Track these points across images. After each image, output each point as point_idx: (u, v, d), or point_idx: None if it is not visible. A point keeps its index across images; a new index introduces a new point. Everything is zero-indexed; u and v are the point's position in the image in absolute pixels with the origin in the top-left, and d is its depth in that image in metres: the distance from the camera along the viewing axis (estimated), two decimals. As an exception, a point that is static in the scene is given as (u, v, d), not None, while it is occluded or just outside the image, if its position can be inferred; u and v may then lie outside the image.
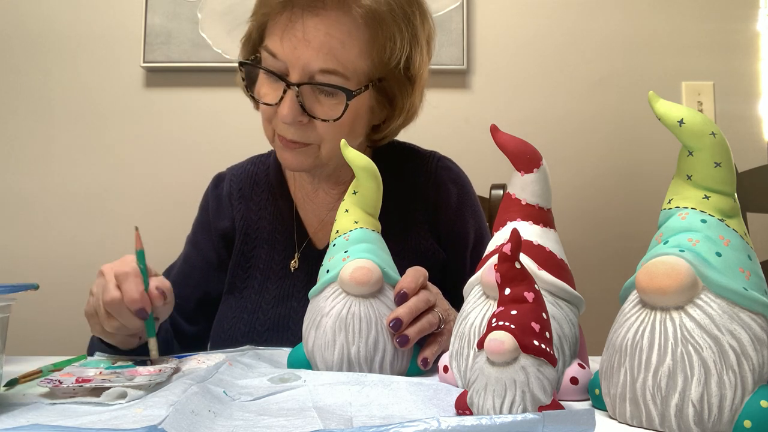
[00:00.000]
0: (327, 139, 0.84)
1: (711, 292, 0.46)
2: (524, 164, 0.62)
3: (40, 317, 1.57)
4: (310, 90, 0.82)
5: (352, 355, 0.65)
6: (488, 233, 1.00)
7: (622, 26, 1.65)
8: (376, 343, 0.65)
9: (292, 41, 0.80)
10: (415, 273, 0.70)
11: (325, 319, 0.66)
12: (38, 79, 1.68)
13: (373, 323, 0.65)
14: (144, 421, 0.45)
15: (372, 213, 0.72)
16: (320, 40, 0.79)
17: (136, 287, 0.68)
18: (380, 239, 0.72)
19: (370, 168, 0.70)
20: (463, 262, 0.96)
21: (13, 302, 0.56)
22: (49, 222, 1.65)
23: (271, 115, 0.85)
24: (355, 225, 0.70)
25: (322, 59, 0.79)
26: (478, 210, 1.00)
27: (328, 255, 0.71)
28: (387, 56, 0.84)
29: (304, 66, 0.80)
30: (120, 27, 1.67)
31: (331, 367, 0.66)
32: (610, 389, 0.49)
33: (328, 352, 0.65)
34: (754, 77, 1.63)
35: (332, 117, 0.82)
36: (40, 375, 0.63)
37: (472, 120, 1.63)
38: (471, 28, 1.65)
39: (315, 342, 0.66)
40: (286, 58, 0.80)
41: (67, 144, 1.67)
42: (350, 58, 0.81)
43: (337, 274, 0.67)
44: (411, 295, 0.67)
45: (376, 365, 0.66)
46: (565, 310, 0.58)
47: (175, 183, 1.63)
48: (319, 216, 0.96)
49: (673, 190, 0.52)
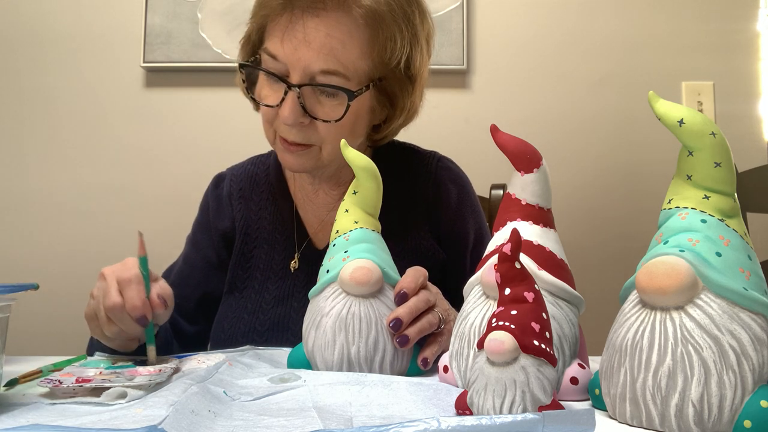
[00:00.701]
0: (328, 140, 0.84)
1: (711, 292, 0.46)
2: (524, 164, 0.62)
3: (40, 317, 1.57)
4: (311, 91, 0.82)
5: (352, 355, 0.65)
6: (488, 233, 1.00)
7: (622, 26, 1.65)
8: (376, 343, 0.65)
9: (293, 42, 0.80)
10: (415, 273, 0.70)
11: (325, 319, 0.66)
12: (38, 79, 1.68)
13: (373, 323, 0.65)
14: (144, 421, 0.45)
15: (372, 213, 0.72)
16: (321, 41, 0.79)
17: (138, 294, 0.67)
18: (380, 239, 0.72)
19: (370, 168, 0.70)
20: (463, 262, 0.96)
21: (13, 302, 0.56)
22: (49, 222, 1.65)
23: (272, 117, 0.84)
24: (355, 225, 0.70)
25: (323, 60, 0.79)
26: (478, 210, 1.00)
27: (328, 255, 0.71)
28: (387, 56, 0.84)
29: (305, 67, 0.80)
30: (120, 27, 1.67)
31: (331, 367, 0.66)
32: (610, 389, 0.49)
33: (328, 351, 0.65)
34: (754, 77, 1.63)
35: (334, 118, 0.82)
36: (40, 375, 0.63)
37: (472, 120, 1.63)
38: (471, 28, 1.65)
39: (315, 342, 0.66)
40: (287, 59, 0.80)
41: (67, 144, 1.67)
42: (351, 58, 0.81)
43: (337, 274, 0.67)
44: (411, 295, 0.67)
45: (376, 365, 0.66)
46: (565, 310, 0.58)
47: (175, 183, 1.63)
48: (320, 216, 0.96)
49: (673, 190, 0.52)
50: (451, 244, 0.96)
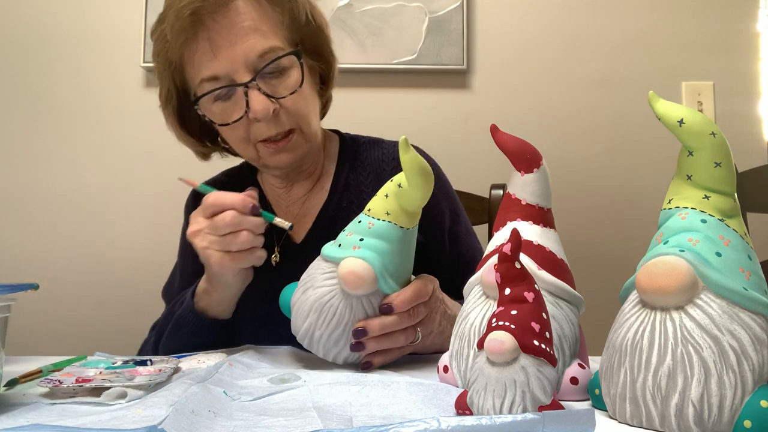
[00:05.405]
0: (301, 114, 0.86)
1: (711, 292, 0.46)
2: (524, 164, 0.62)
3: (40, 317, 1.57)
4: (263, 81, 0.83)
5: (315, 337, 0.68)
6: (463, 212, 1.02)
7: (622, 26, 1.65)
8: (337, 340, 0.68)
9: (222, 49, 0.81)
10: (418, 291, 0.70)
11: (311, 292, 0.68)
12: (38, 79, 1.68)
13: (343, 322, 0.67)
14: (144, 421, 0.45)
15: (410, 211, 0.70)
16: (242, 31, 0.81)
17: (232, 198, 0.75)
18: (404, 239, 0.70)
19: (425, 169, 0.66)
20: (442, 243, 0.96)
21: (13, 302, 0.56)
22: (49, 222, 1.65)
23: (245, 130, 0.85)
24: (386, 216, 0.69)
25: (255, 45, 0.81)
26: (449, 190, 1.01)
27: (350, 227, 0.70)
28: (296, 15, 0.87)
29: (246, 60, 0.81)
30: (120, 27, 1.67)
31: (297, 333, 0.70)
32: (610, 389, 0.49)
33: (300, 320, 0.69)
34: (754, 77, 1.63)
35: (296, 85, 0.85)
36: (40, 375, 0.63)
37: (472, 120, 1.63)
38: (471, 28, 1.65)
39: (297, 303, 0.70)
40: (229, 66, 0.81)
41: (67, 144, 1.67)
42: (273, 30, 0.84)
43: (340, 260, 0.67)
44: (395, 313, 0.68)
45: (331, 356, 0.69)
46: (565, 310, 0.58)
47: (176, 183, 1.63)
48: (293, 211, 0.97)
49: (673, 190, 0.52)
50: (426, 226, 0.95)
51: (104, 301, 1.60)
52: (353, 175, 0.97)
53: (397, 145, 1.00)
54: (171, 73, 0.88)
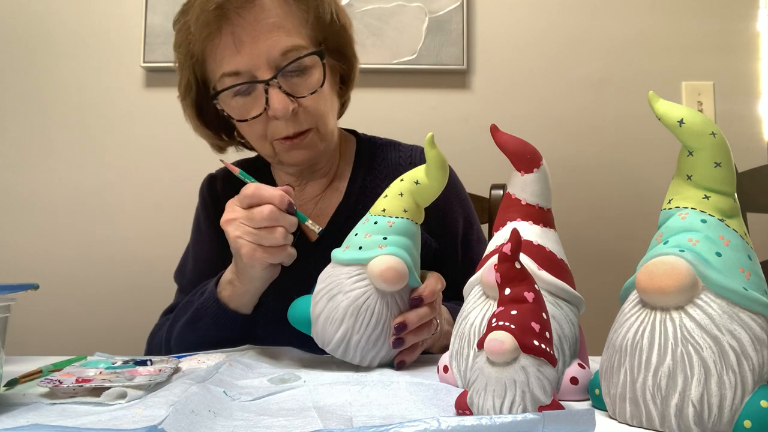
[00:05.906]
0: (319, 114, 0.86)
1: (711, 292, 0.46)
2: (524, 164, 0.62)
3: (40, 317, 1.57)
4: (284, 79, 0.83)
5: (353, 342, 0.67)
6: (476, 220, 1.02)
7: (622, 26, 1.65)
8: (377, 340, 0.67)
9: (246, 45, 0.81)
10: (436, 283, 0.72)
11: (342, 297, 0.67)
12: (38, 79, 1.68)
13: (381, 321, 0.67)
14: (144, 421, 0.45)
15: (422, 206, 0.73)
16: (267, 28, 0.81)
17: (271, 192, 0.74)
18: (418, 233, 0.73)
19: (445, 165, 0.70)
20: (455, 250, 0.97)
21: (13, 302, 0.56)
22: (49, 222, 1.65)
23: (263, 127, 0.85)
24: (403, 214, 0.70)
25: (278, 42, 0.81)
26: (464, 197, 1.01)
27: (365, 230, 0.70)
28: (321, 14, 0.86)
29: (268, 58, 0.81)
30: (120, 27, 1.67)
31: (327, 344, 0.68)
32: (610, 389, 0.49)
33: (332, 328, 0.67)
34: (754, 77, 1.63)
35: (317, 85, 0.84)
36: (40, 375, 0.63)
37: (472, 120, 1.63)
38: (471, 28, 1.65)
39: (323, 312, 0.68)
40: (251, 63, 0.81)
41: (67, 144, 1.67)
42: (297, 29, 0.84)
43: (368, 260, 0.67)
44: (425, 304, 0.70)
45: (368, 359, 0.68)
46: (565, 310, 0.58)
47: (175, 183, 1.63)
48: (307, 209, 0.97)
49: (673, 190, 0.52)
50: (440, 233, 0.96)
51: (104, 301, 1.60)
52: (369, 178, 0.96)
53: (414, 149, 1.01)
54: (192, 65, 0.87)
